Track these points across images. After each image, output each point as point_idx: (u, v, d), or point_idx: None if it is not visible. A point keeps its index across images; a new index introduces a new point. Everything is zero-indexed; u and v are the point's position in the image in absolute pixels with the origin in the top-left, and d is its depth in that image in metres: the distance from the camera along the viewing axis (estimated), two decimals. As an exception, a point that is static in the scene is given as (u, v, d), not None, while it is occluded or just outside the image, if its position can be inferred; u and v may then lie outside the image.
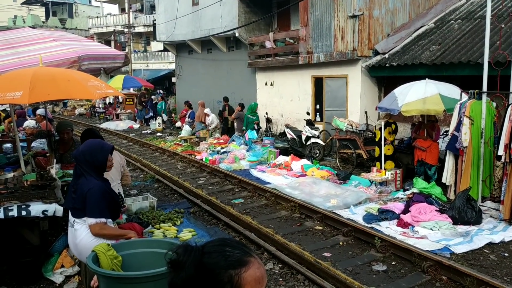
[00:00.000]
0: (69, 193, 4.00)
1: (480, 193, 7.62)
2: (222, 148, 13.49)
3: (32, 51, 5.78)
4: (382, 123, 9.42)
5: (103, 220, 3.71)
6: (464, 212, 6.66)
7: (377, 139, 9.54)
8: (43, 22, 42.11)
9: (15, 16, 43.11)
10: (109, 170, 3.88)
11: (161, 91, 27.46)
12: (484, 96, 7.53)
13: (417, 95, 8.32)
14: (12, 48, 5.84)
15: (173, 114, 21.94)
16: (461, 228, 6.49)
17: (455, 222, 6.63)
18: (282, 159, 11.51)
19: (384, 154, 9.45)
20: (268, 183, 9.77)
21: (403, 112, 8.40)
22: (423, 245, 5.96)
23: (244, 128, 13.19)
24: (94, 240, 3.77)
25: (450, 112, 8.16)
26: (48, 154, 6.09)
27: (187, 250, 1.35)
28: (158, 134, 19.08)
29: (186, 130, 17.19)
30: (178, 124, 19.54)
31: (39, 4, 45.62)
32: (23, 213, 4.62)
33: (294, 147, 12.89)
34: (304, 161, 11.05)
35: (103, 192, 3.71)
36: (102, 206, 3.70)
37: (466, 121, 7.58)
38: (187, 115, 17.94)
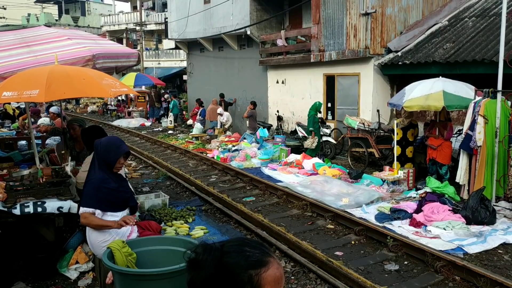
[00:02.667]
0: None
1: (494, 193, 7.55)
2: (234, 146, 13.51)
3: (47, 50, 5.85)
4: (394, 122, 9.38)
5: (90, 210, 3.83)
6: (477, 212, 6.60)
7: (398, 138, 9.44)
8: (56, 20, 42.51)
9: (29, 14, 43.57)
10: (117, 171, 4.01)
11: (171, 90, 27.64)
12: (499, 95, 7.45)
13: (422, 92, 8.46)
14: (28, 46, 5.92)
15: (184, 112, 22.00)
16: (475, 228, 6.44)
17: (469, 222, 6.57)
18: (293, 157, 11.50)
19: (406, 156, 9.51)
20: (280, 181, 9.77)
21: (405, 107, 8.52)
22: (436, 244, 5.93)
23: (311, 128, 12.14)
24: (96, 233, 3.91)
25: (450, 109, 8.26)
26: (63, 152, 6.16)
27: (206, 249, 1.36)
28: (170, 131, 19.18)
29: (197, 128, 17.25)
30: (190, 122, 19.60)
31: (52, 2, 46.06)
32: (39, 209, 4.69)
33: (306, 145, 12.86)
34: (316, 160, 11.03)
35: (99, 185, 3.85)
36: (94, 197, 3.84)
37: (480, 120, 7.51)
38: (198, 113, 18.01)
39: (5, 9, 37.04)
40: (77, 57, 5.74)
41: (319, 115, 13.12)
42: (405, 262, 5.63)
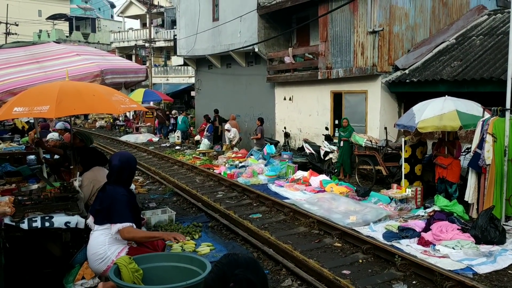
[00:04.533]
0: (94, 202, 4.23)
1: (504, 212, 7.46)
2: (241, 162, 13.52)
3: (56, 65, 5.92)
4: (403, 140, 9.34)
5: (129, 224, 3.87)
6: (487, 231, 6.52)
7: (407, 156, 9.42)
8: (67, 36, 43.09)
9: (40, 31, 44.22)
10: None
11: (178, 107, 27.91)
12: (508, 113, 7.42)
13: (434, 112, 8.30)
14: (38, 62, 6.00)
15: (191, 128, 22.09)
16: (484, 248, 6.35)
17: (478, 242, 6.49)
18: (300, 174, 11.47)
19: (415, 174, 9.47)
20: (287, 198, 9.74)
21: (419, 128, 8.38)
22: (445, 264, 5.85)
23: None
24: (95, 249, 3.95)
25: (466, 128, 8.15)
26: (71, 167, 6.19)
27: None
28: (177, 147, 19.24)
29: (204, 143, 17.29)
30: (197, 137, 19.65)
31: (63, 19, 46.76)
32: (47, 224, 4.70)
33: (313, 162, 12.84)
34: (323, 177, 10.99)
35: (127, 200, 3.96)
36: (127, 212, 3.90)
37: (489, 138, 7.47)
38: (205, 129, 18.07)
39: (17, 25, 37.68)
40: (86, 73, 5.79)
41: (326, 132, 13.12)
42: (414, 282, 5.56)
